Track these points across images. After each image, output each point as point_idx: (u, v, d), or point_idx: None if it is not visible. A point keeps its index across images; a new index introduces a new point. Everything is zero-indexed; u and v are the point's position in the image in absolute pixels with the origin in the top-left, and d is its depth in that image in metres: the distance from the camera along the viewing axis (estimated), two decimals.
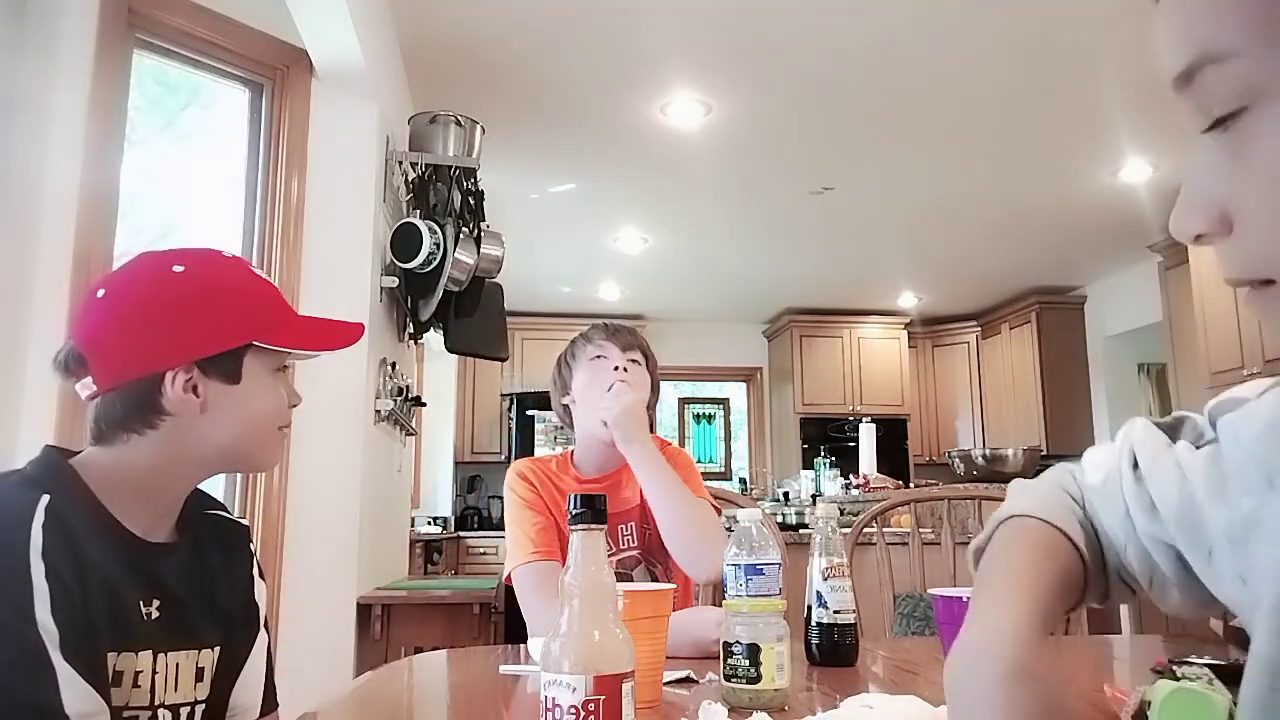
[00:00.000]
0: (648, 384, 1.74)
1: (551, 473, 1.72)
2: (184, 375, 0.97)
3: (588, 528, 0.75)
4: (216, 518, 1.11)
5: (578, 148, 4.47)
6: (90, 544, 0.88)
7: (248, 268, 1.10)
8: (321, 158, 2.98)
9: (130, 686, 0.91)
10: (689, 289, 7.04)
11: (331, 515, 2.89)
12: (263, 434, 1.05)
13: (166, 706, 0.96)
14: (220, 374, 1.00)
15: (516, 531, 1.63)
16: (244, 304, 1.04)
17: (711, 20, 3.31)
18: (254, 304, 1.05)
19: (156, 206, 2.86)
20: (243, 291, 1.05)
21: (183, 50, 2.65)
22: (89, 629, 0.85)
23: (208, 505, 1.11)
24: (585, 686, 0.70)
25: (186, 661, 0.99)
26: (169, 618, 0.97)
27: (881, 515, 2.10)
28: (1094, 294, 6.92)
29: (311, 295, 2.91)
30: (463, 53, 3.53)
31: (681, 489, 1.60)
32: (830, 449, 7.15)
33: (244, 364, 1.02)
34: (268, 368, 1.05)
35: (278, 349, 1.04)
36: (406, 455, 4.09)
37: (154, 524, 0.99)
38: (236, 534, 1.13)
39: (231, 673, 1.07)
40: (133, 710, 0.91)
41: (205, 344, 0.99)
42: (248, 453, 1.05)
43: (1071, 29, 3.36)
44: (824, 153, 4.54)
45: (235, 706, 1.07)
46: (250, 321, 1.02)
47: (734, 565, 1.12)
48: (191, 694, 1.00)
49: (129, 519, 0.96)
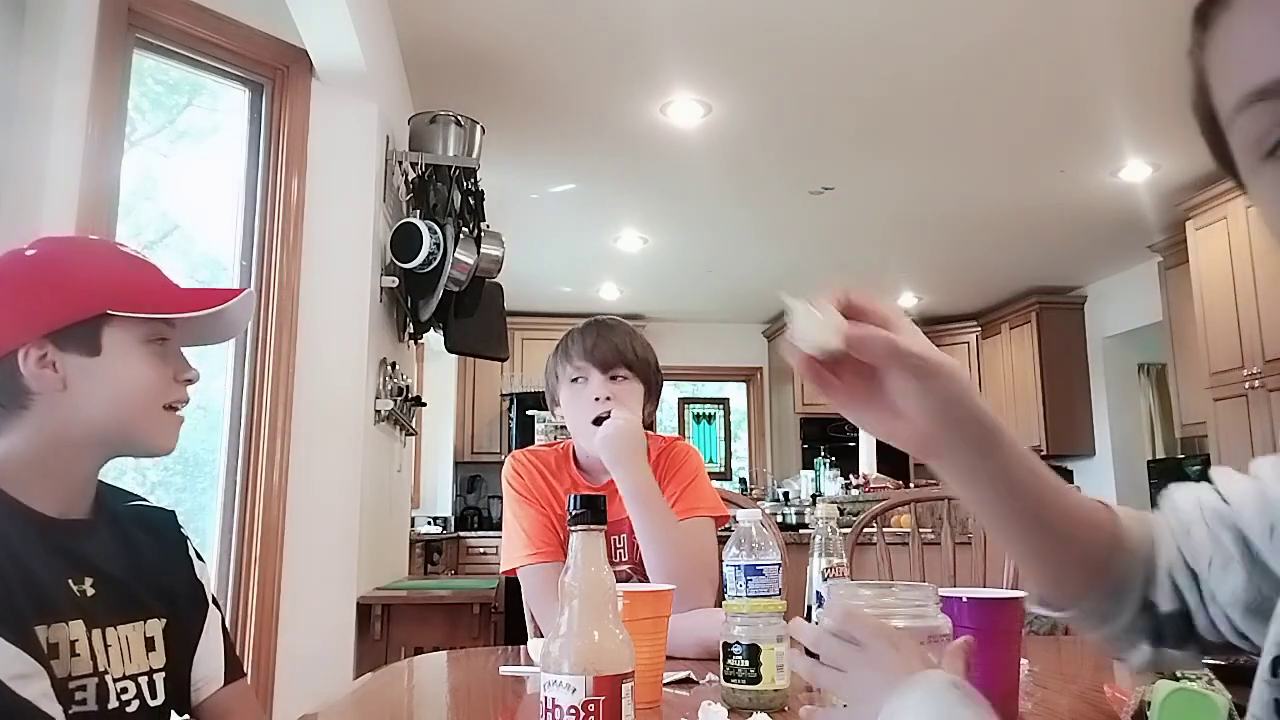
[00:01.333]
0: (639, 396, 1.65)
1: (550, 467, 1.68)
2: (37, 351, 0.97)
3: (588, 528, 0.75)
4: (139, 507, 1.12)
5: (578, 148, 4.47)
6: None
7: (111, 246, 1.11)
8: (321, 158, 2.98)
9: (70, 656, 0.92)
10: (689, 289, 7.03)
11: (331, 515, 2.89)
12: (140, 411, 1.02)
13: (128, 677, 0.98)
14: (76, 347, 0.98)
15: (515, 526, 1.61)
16: (94, 275, 1.02)
17: (711, 20, 3.31)
18: (107, 275, 1.02)
19: (156, 206, 2.86)
20: (95, 265, 1.04)
21: (183, 50, 2.65)
22: (8, 600, 0.85)
23: (127, 499, 1.11)
24: (585, 687, 0.69)
25: (135, 633, 1.01)
26: (105, 594, 0.98)
27: (881, 515, 2.10)
28: (1094, 294, 6.92)
29: (311, 295, 2.91)
30: (463, 53, 3.53)
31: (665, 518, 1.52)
32: (830, 449, 7.15)
33: (103, 335, 0.99)
34: (135, 339, 1.01)
35: (140, 316, 1.00)
36: (406, 455, 4.09)
37: (65, 505, 1.00)
38: (163, 519, 1.14)
39: (187, 646, 1.08)
40: (78, 679, 0.92)
41: (53, 317, 0.98)
42: (126, 431, 1.01)
43: (1072, 29, 3.36)
44: (824, 153, 4.54)
45: (197, 679, 1.09)
46: (103, 292, 1.00)
47: (734, 565, 1.12)
48: (146, 663, 1.01)
49: (34, 500, 0.96)
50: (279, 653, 2.70)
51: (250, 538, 2.71)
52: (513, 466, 1.67)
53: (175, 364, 1.05)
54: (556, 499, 1.64)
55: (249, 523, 2.72)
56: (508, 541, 1.62)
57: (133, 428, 1.01)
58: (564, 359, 1.65)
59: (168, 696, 1.03)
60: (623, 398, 1.61)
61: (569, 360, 1.64)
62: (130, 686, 0.98)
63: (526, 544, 1.58)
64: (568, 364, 1.64)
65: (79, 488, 1.02)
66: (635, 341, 1.67)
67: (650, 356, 1.70)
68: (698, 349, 7.82)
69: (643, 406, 1.66)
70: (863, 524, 2.09)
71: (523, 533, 1.59)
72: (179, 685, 1.06)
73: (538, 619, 1.61)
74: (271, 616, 2.70)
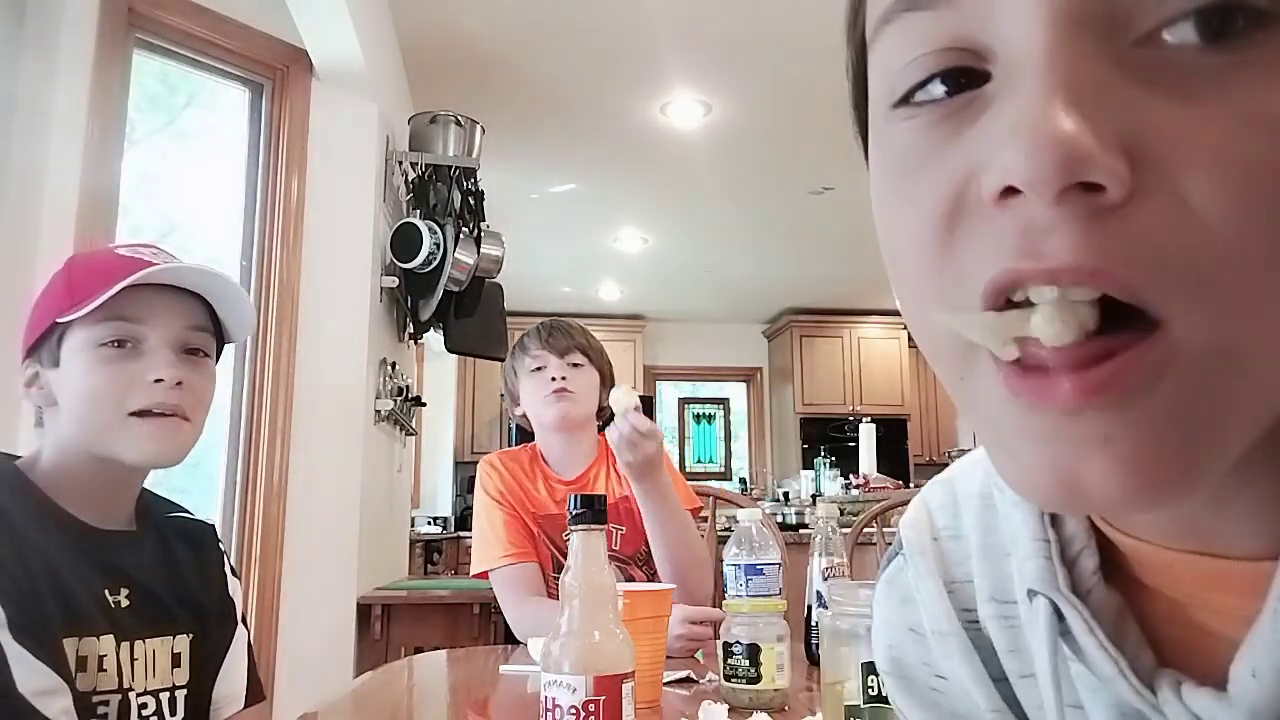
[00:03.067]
0: (595, 384, 1.73)
1: (524, 468, 1.73)
2: (28, 370, 1.00)
3: (588, 528, 0.75)
4: (180, 519, 1.11)
5: (578, 148, 4.47)
6: (32, 531, 0.89)
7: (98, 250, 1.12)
8: (321, 158, 2.98)
9: (96, 671, 0.91)
10: (689, 289, 7.03)
11: (331, 515, 2.89)
12: (98, 418, 0.95)
13: (149, 692, 0.97)
14: (46, 361, 1.00)
15: (486, 529, 1.65)
16: (56, 288, 1.01)
17: (712, 20, 3.31)
18: (65, 284, 1.01)
19: (156, 206, 2.86)
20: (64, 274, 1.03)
21: (183, 50, 2.65)
22: (39, 611, 0.85)
23: (169, 509, 1.11)
24: (585, 687, 0.70)
25: (162, 648, 1.00)
26: (139, 606, 0.98)
27: (881, 515, 2.10)
28: None
29: (312, 295, 2.91)
30: (463, 53, 3.53)
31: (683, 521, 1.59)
32: (830, 449, 7.15)
33: (63, 346, 0.98)
34: (87, 344, 0.96)
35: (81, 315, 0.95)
36: (406, 455, 4.09)
37: (104, 515, 0.99)
38: (203, 533, 1.13)
39: (211, 664, 1.07)
40: (101, 695, 0.92)
41: (29, 335, 1.00)
42: (91, 442, 0.96)
43: None
44: (824, 153, 4.54)
45: (219, 698, 1.08)
46: (57, 302, 0.99)
47: (734, 565, 1.12)
48: (170, 679, 1.00)
49: (77, 509, 0.96)
50: (279, 652, 2.70)
51: (250, 537, 2.71)
52: (485, 471, 1.73)
53: (142, 364, 0.97)
54: (530, 500, 1.69)
55: (249, 522, 2.72)
56: (480, 544, 1.66)
57: (97, 439, 0.95)
58: (521, 353, 1.75)
59: (186, 714, 1.02)
60: (579, 382, 1.69)
61: (526, 352, 1.73)
62: (151, 702, 0.97)
63: (499, 545, 1.62)
64: (525, 355, 1.73)
65: (112, 499, 1.01)
66: (588, 335, 1.78)
67: (598, 349, 1.78)
68: (698, 349, 7.81)
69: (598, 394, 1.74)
70: (863, 524, 2.09)
71: (495, 536, 1.63)
72: (199, 703, 1.05)
73: (510, 621, 1.65)
74: (271, 616, 2.71)
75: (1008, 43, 0.29)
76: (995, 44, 0.30)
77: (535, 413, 1.72)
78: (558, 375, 1.68)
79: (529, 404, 1.73)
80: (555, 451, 1.75)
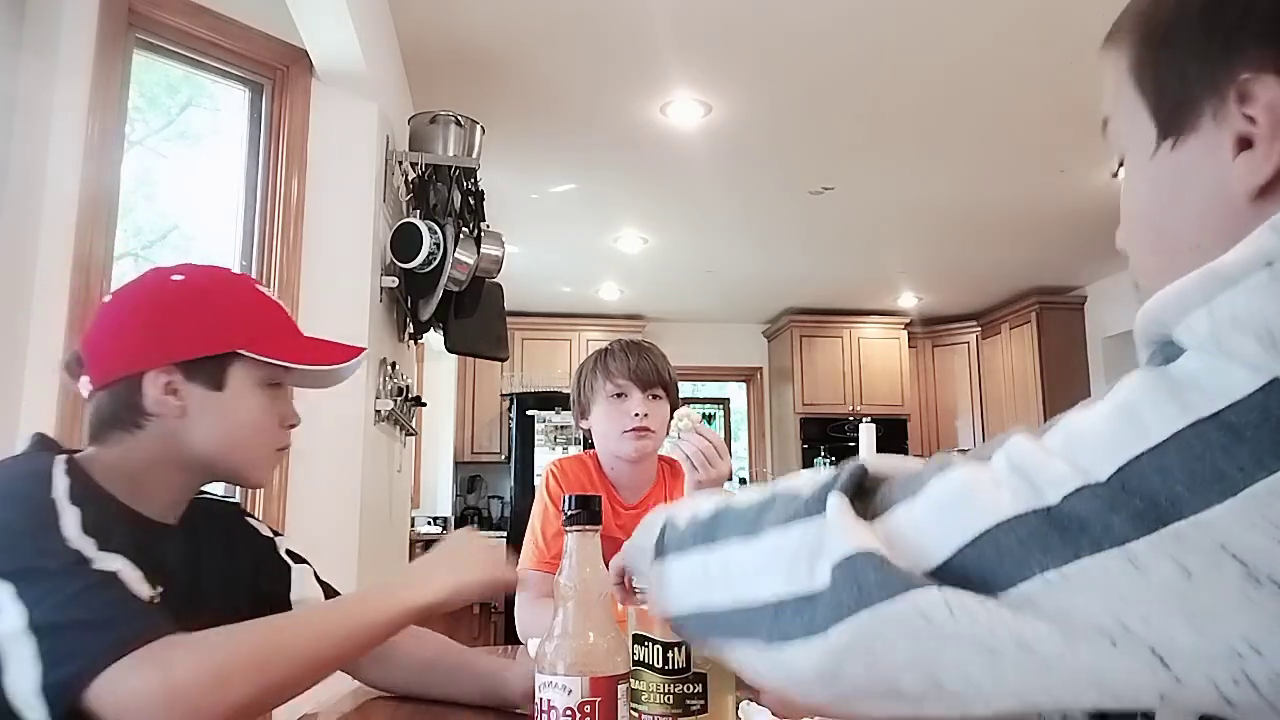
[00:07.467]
0: (666, 416, 1.75)
1: (592, 479, 1.77)
2: (164, 377, 0.99)
3: (583, 529, 0.75)
4: (203, 499, 1.13)
5: (578, 148, 4.47)
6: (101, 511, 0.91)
7: (251, 284, 1.12)
8: (321, 158, 2.98)
9: None
10: (689, 289, 7.03)
11: (331, 515, 2.89)
12: (249, 448, 1.06)
13: None
14: (203, 379, 1.01)
15: (539, 531, 1.70)
16: (233, 313, 1.04)
17: (712, 20, 3.31)
18: (245, 315, 1.05)
19: (156, 206, 2.86)
20: (234, 303, 1.06)
21: (183, 50, 2.65)
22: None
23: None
24: (580, 688, 0.70)
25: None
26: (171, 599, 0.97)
27: None
28: (1094, 294, 6.92)
29: (311, 295, 2.91)
30: (463, 53, 3.53)
31: None
32: (830, 449, 7.15)
33: (229, 373, 1.02)
34: (257, 381, 1.05)
35: (266, 360, 1.04)
36: (406, 455, 4.09)
37: (159, 514, 1.02)
38: (227, 513, 1.17)
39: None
40: None
41: (186, 348, 1.00)
42: (233, 465, 1.05)
43: (1072, 29, 3.36)
44: (824, 153, 4.54)
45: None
46: (238, 331, 1.03)
47: None
48: None
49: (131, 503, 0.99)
50: None
51: None
52: (554, 475, 1.75)
53: (284, 408, 1.10)
54: None
55: None
56: (529, 543, 1.71)
57: (239, 462, 1.05)
58: (604, 375, 1.74)
59: None
60: (657, 418, 1.72)
61: (610, 377, 1.73)
62: None
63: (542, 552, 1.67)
64: (609, 380, 1.73)
65: (173, 503, 1.05)
66: (667, 366, 1.79)
67: (675, 383, 1.81)
68: (698, 349, 7.81)
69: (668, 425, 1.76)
70: None
71: (543, 542, 1.68)
72: None
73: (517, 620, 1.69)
74: None
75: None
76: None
77: (611, 442, 1.74)
78: (640, 411, 1.70)
79: (604, 429, 1.74)
80: (621, 475, 1.78)
